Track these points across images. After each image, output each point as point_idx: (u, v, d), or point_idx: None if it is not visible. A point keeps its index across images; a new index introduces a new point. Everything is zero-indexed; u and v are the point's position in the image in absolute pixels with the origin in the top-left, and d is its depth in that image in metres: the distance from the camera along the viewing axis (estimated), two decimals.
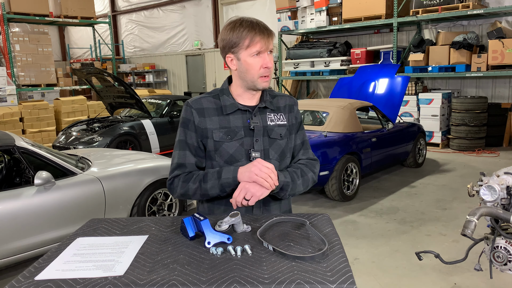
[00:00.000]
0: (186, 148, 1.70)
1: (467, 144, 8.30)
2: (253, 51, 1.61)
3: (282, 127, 1.75)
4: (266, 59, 1.63)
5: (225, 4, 14.25)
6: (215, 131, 1.67)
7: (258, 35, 1.60)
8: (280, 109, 1.78)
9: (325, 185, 5.25)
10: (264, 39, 1.60)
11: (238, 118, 1.69)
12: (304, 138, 1.86)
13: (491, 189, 2.18)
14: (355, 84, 7.67)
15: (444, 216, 4.78)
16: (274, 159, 1.71)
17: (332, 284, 1.12)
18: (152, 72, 16.69)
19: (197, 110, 1.69)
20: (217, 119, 1.68)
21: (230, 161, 1.67)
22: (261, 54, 1.62)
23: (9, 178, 4.04)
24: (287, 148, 1.76)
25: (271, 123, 1.73)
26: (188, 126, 1.70)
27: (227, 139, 1.67)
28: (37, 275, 1.20)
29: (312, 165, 1.81)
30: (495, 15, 8.74)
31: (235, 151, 1.67)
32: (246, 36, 1.60)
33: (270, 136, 1.71)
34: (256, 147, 1.68)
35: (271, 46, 1.65)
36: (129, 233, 1.50)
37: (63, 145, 7.18)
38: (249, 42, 1.60)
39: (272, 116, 1.74)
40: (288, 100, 1.83)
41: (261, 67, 1.63)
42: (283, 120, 1.76)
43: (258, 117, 1.71)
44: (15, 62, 11.41)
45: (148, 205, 4.15)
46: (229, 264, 1.23)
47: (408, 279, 3.39)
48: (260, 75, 1.64)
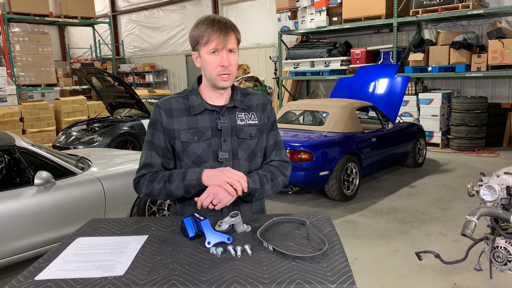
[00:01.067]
0: (152, 148, 1.70)
1: (467, 144, 8.30)
2: (209, 48, 1.59)
3: (252, 127, 1.72)
4: (224, 58, 1.59)
5: (225, 4, 14.25)
6: (182, 132, 1.66)
7: (215, 32, 1.56)
8: (252, 108, 1.75)
9: (325, 185, 5.25)
10: (221, 37, 1.57)
11: (206, 118, 1.67)
12: (278, 139, 1.82)
13: (491, 189, 2.18)
14: (355, 84, 7.67)
15: (444, 216, 4.78)
16: (243, 159, 1.70)
17: (332, 284, 1.12)
18: (152, 72, 16.68)
19: (166, 110, 1.68)
20: (185, 119, 1.67)
21: (197, 162, 1.67)
22: (219, 52, 1.59)
23: (9, 178, 4.04)
24: (257, 148, 1.74)
25: (240, 123, 1.70)
26: (156, 127, 1.70)
27: (194, 139, 1.66)
28: (37, 275, 1.20)
29: (284, 168, 1.78)
30: (495, 15, 8.74)
31: (202, 152, 1.66)
32: (204, 33, 1.58)
33: (239, 136, 1.69)
34: (224, 148, 1.67)
35: (230, 45, 1.59)
36: (129, 233, 1.50)
37: (63, 145, 7.18)
38: (206, 39, 1.58)
39: (242, 115, 1.72)
40: (261, 99, 1.79)
41: (218, 65, 1.59)
42: (254, 119, 1.73)
43: (226, 117, 1.69)
44: (15, 62, 11.41)
45: (148, 205, 4.15)
46: (229, 264, 1.23)
47: (408, 279, 3.39)
48: (218, 73, 1.61)
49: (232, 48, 1.61)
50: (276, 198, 5.63)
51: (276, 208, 5.23)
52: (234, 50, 1.62)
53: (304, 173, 4.98)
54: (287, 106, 6.65)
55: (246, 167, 1.70)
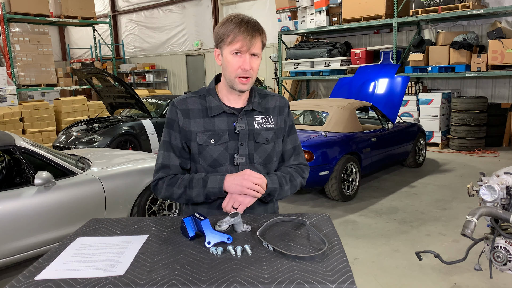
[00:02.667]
0: (170, 149, 1.67)
1: (467, 144, 8.30)
2: (233, 48, 1.55)
3: (269, 131, 1.69)
4: (246, 61, 1.55)
5: (225, 4, 14.26)
6: (199, 134, 1.63)
7: (242, 34, 1.53)
8: (269, 110, 1.72)
9: (325, 185, 5.25)
10: (247, 40, 1.53)
11: (223, 121, 1.64)
12: (296, 143, 1.80)
13: (491, 189, 2.18)
14: (355, 84, 7.67)
15: (444, 216, 4.78)
16: (258, 163, 1.67)
17: (332, 284, 1.12)
18: (152, 72, 16.68)
19: (182, 111, 1.65)
20: (202, 121, 1.64)
21: (213, 165, 1.65)
22: (242, 54, 1.55)
23: (9, 178, 4.04)
24: (273, 152, 1.71)
25: (258, 127, 1.67)
26: (173, 127, 1.67)
27: (211, 142, 1.63)
28: (37, 275, 1.20)
29: (302, 170, 1.79)
30: (495, 15, 8.74)
31: (219, 155, 1.64)
32: (230, 32, 1.54)
33: (256, 141, 1.66)
34: (241, 152, 1.64)
35: (254, 49, 1.56)
36: (129, 233, 1.50)
37: (63, 145, 7.18)
38: (232, 39, 1.54)
39: (259, 118, 1.68)
40: (278, 101, 1.76)
41: (239, 67, 1.56)
42: (271, 123, 1.70)
43: (244, 120, 1.65)
44: (15, 62, 11.42)
45: (148, 205, 4.15)
46: (229, 264, 1.23)
47: (408, 279, 3.39)
48: (238, 75, 1.57)
49: (256, 52, 1.57)
50: None
51: None
52: (257, 55, 1.58)
53: None
54: None
55: (260, 171, 1.68)
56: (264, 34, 1.60)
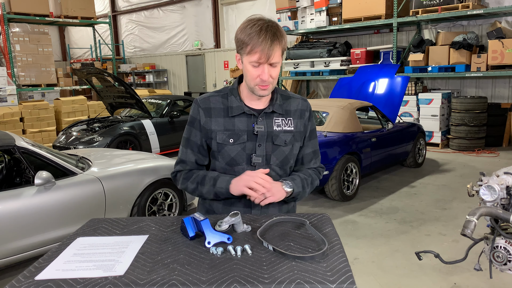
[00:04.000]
0: (188, 145, 1.73)
1: (467, 144, 8.30)
2: (251, 59, 1.54)
3: (288, 133, 1.70)
4: (265, 71, 1.54)
5: (225, 4, 14.25)
6: (219, 133, 1.66)
7: (260, 45, 1.50)
8: (289, 113, 1.72)
9: (325, 185, 5.25)
10: (265, 51, 1.50)
11: (243, 121, 1.66)
12: (316, 147, 1.82)
13: (491, 189, 2.18)
14: (355, 84, 7.67)
15: (444, 216, 4.78)
16: (274, 165, 1.69)
17: (332, 284, 1.12)
18: (152, 72, 16.68)
19: (204, 109, 1.68)
20: (222, 120, 1.67)
21: (231, 164, 1.68)
22: (261, 65, 1.54)
23: (9, 178, 4.04)
24: (291, 155, 1.73)
25: (277, 129, 1.68)
26: (194, 125, 1.71)
27: (230, 142, 1.66)
28: (37, 275, 1.20)
29: (319, 172, 1.84)
30: (495, 15, 8.74)
31: (236, 155, 1.67)
32: (249, 42, 1.52)
33: (274, 142, 1.68)
34: (258, 152, 1.66)
35: (274, 58, 1.53)
36: (129, 233, 1.50)
37: (63, 145, 7.18)
38: (250, 49, 1.52)
39: (279, 120, 1.70)
40: (300, 104, 1.76)
41: (257, 76, 1.56)
42: (291, 125, 1.71)
43: (264, 122, 1.67)
44: (15, 62, 11.41)
45: (148, 205, 4.15)
46: (229, 264, 1.23)
47: (408, 279, 3.39)
48: (257, 84, 1.58)
49: (275, 62, 1.55)
50: None
51: None
52: (276, 64, 1.56)
53: None
54: None
55: (277, 172, 1.71)
56: (284, 39, 1.57)
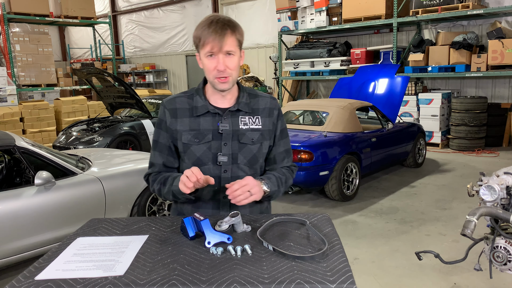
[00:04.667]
0: (156, 148, 1.73)
1: (467, 144, 8.30)
2: (205, 51, 1.55)
3: (255, 132, 1.68)
4: (220, 61, 1.53)
5: (225, 4, 14.25)
6: (184, 133, 1.66)
7: (211, 35, 1.51)
8: (257, 111, 1.71)
9: (325, 185, 5.25)
10: (216, 40, 1.51)
11: (208, 121, 1.65)
12: (288, 146, 1.81)
13: (491, 189, 2.18)
14: (355, 84, 7.67)
15: (444, 216, 4.78)
16: (242, 164, 1.68)
17: (332, 284, 1.12)
18: (152, 72, 16.68)
19: (170, 110, 1.68)
20: (187, 120, 1.66)
21: (197, 164, 1.66)
22: (215, 55, 1.54)
23: (9, 178, 4.04)
24: (259, 153, 1.71)
25: (243, 127, 1.67)
26: (161, 126, 1.71)
27: (195, 141, 1.65)
28: (37, 275, 1.20)
29: (292, 172, 1.83)
30: (495, 15, 8.74)
31: (202, 154, 1.66)
32: (201, 34, 1.54)
33: (240, 141, 1.66)
34: (224, 151, 1.65)
35: (226, 47, 1.53)
36: (129, 233, 1.50)
37: (63, 145, 7.17)
38: (203, 41, 1.54)
39: (246, 119, 1.68)
40: (269, 103, 1.74)
41: (214, 68, 1.55)
42: (258, 124, 1.69)
43: (229, 120, 1.65)
44: (15, 62, 11.41)
45: (148, 205, 4.15)
46: (229, 264, 1.23)
47: (408, 279, 3.39)
48: (215, 76, 1.57)
49: (230, 50, 1.55)
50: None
51: (276, 208, 5.23)
52: (232, 53, 1.56)
53: (304, 173, 4.98)
54: (287, 106, 6.65)
55: (246, 172, 1.69)
56: (238, 31, 1.57)
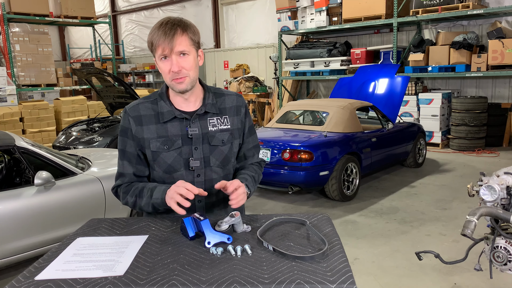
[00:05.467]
0: (124, 157, 1.66)
1: (467, 144, 8.30)
2: (158, 54, 1.51)
3: (225, 132, 1.66)
4: (173, 63, 1.49)
5: (225, 4, 14.25)
6: (152, 141, 1.61)
7: (160, 37, 1.47)
8: (225, 111, 1.68)
9: (325, 185, 5.25)
10: (166, 41, 1.47)
11: (176, 126, 1.61)
12: (256, 142, 1.81)
13: (491, 189, 2.18)
14: (355, 84, 7.67)
15: (444, 216, 4.78)
16: (215, 166, 1.66)
17: (332, 284, 1.12)
18: (152, 72, 16.68)
19: (134, 118, 1.62)
20: (154, 127, 1.61)
21: (168, 171, 1.63)
22: (168, 57, 1.50)
23: (9, 178, 4.04)
24: (231, 153, 1.69)
25: (212, 129, 1.64)
26: (126, 135, 1.64)
27: (165, 149, 1.60)
28: (37, 275, 1.20)
29: (262, 166, 1.85)
30: (495, 15, 8.74)
31: (173, 161, 1.62)
32: (152, 38, 1.51)
33: (210, 143, 1.63)
34: (195, 156, 1.62)
35: (178, 48, 1.48)
36: (129, 233, 1.50)
37: (63, 145, 7.17)
38: (155, 46, 1.51)
39: (214, 120, 1.65)
40: (235, 101, 1.71)
41: (169, 71, 1.51)
42: (227, 124, 1.67)
43: (197, 124, 1.62)
44: (15, 62, 11.41)
45: None
46: (229, 264, 1.23)
47: (408, 279, 3.39)
48: (172, 78, 1.53)
49: (183, 50, 1.50)
50: (276, 198, 5.63)
51: (276, 208, 5.23)
52: (186, 52, 1.51)
53: (304, 173, 4.98)
54: (287, 106, 6.65)
55: (219, 173, 1.67)
56: (191, 30, 1.53)
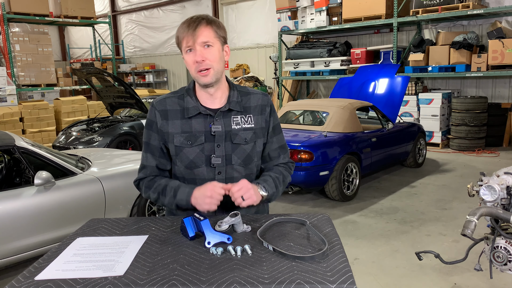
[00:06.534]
0: (148, 150, 1.69)
1: (467, 144, 8.30)
2: (183, 47, 1.57)
3: (248, 131, 1.66)
4: (197, 53, 1.54)
5: (225, 4, 14.24)
6: (176, 136, 1.63)
7: (185, 30, 1.54)
8: (249, 109, 1.68)
9: (325, 185, 5.25)
10: (190, 32, 1.52)
11: (200, 122, 1.62)
12: (282, 142, 1.79)
13: (491, 189, 2.18)
14: (355, 84, 7.66)
15: (444, 216, 4.78)
16: (237, 164, 1.66)
17: (332, 284, 1.12)
18: (152, 72, 16.68)
19: (160, 112, 1.65)
20: (179, 122, 1.63)
21: (190, 167, 1.64)
22: (192, 49, 1.55)
23: (9, 178, 4.04)
24: (253, 152, 1.68)
25: (236, 127, 1.64)
26: (152, 128, 1.67)
27: (188, 144, 1.62)
28: (37, 275, 1.20)
29: (290, 168, 1.80)
30: (495, 15, 8.73)
31: (195, 157, 1.63)
32: (179, 34, 1.57)
33: (233, 141, 1.64)
34: (217, 153, 1.62)
35: (202, 38, 1.52)
36: (129, 233, 1.50)
37: (63, 145, 7.17)
38: (181, 39, 1.56)
39: (238, 118, 1.65)
40: (260, 100, 1.71)
41: (194, 62, 1.55)
42: (251, 122, 1.67)
43: (221, 121, 1.63)
44: (15, 62, 11.41)
45: (148, 205, 4.15)
46: (229, 264, 1.23)
47: (408, 279, 3.39)
48: (196, 70, 1.56)
49: (206, 41, 1.54)
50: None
51: (276, 208, 5.23)
52: (210, 44, 1.55)
53: (304, 173, 4.97)
54: (287, 106, 6.65)
55: (240, 172, 1.67)
56: (216, 24, 1.57)
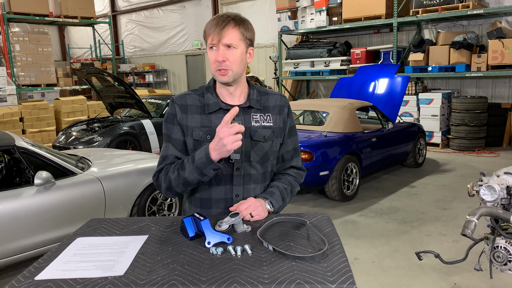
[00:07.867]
0: (169, 140, 1.69)
1: (467, 144, 8.30)
2: (208, 43, 1.59)
3: (267, 129, 1.69)
4: (219, 52, 1.56)
5: (225, 4, 14.25)
6: (196, 130, 1.65)
7: (212, 27, 1.56)
8: (268, 109, 1.72)
9: (325, 185, 5.25)
10: (216, 31, 1.54)
11: (220, 118, 1.62)
12: (297, 145, 1.82)
13: (491, 189, 2.18)
14: (355, 84, 7.67)
15: (444, 216, 4.78)
16: (255, 161, 1.68)
17: (332, 284, 1.12)
18: (152, 72, 16.68)
19: (180, 106, 1.67)
20: (199, 117, 1.66)
21: None
22: (216, 47, 1.57)
23: (9, 178, 4.04)
24: (271, 151, 1.71)
25: (255, 124, 1.67)
26: (173, 121, 1.68)
27: (207, 138, 1.63)
28: (37, 275, 1.20)
29: (300, 177, 1.82)
30: (495, 15, 8.74)
31: None
32: (206, 29, 1.59)
33: (252, 138, 1.66)
34: (237, 149, 1.59)
35: (226, 40, 1.54)
36: (129, 233, 1.50)
37: (63, 145, 7.17)
38: (207, 35, 1.59)
39: (257, 116, 1.69)
40: (279, 100, 1.75)
41: (214, 60, 1.58)
42: (270, 121, 1.70)
43: (241, 117, 1.65)
44: (15, 62, 11.41)
45: (148, 205, 4.15)
46: (229, 264, 1.23)
47: (408, 279, 3.39)
48: (216, 68, 1.59)
49: (230, 43, 1.55)
50: None
51: None
52: (233, 46, 1.57)
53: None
54: None
55: (258, 169, 1.69)
56: (244, 25, 1.59)
